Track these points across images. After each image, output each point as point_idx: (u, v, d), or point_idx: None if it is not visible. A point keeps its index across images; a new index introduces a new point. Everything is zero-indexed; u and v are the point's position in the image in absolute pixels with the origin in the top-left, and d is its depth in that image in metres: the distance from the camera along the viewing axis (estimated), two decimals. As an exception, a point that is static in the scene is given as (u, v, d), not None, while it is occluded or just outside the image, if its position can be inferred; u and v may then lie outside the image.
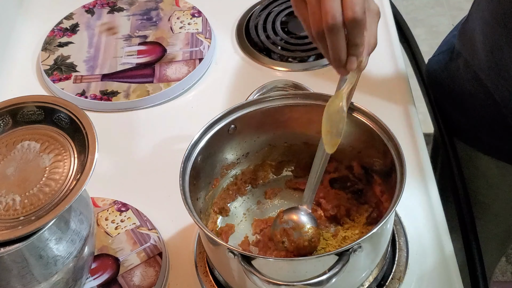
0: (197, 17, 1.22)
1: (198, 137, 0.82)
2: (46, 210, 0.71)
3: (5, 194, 0.73)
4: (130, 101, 1.09)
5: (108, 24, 1.23)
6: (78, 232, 0.77)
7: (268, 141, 0.90)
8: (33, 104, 0.79)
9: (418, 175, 0.96)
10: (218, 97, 1.11)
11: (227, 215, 0.90)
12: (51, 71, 1.15)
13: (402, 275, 0.85)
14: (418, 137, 1.00)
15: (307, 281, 0.69)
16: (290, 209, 0.83)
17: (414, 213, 0.91)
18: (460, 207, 0.98)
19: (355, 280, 0.79)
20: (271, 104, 0.85)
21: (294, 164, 0.93)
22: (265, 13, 1.23)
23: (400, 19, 1.25)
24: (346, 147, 0.87)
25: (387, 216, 0.72)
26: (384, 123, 0.80)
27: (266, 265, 0.73)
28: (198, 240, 0.90)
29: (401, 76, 1.10)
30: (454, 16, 2.60)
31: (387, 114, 0.94)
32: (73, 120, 0.77)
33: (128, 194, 0.97)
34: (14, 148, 0.77)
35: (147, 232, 0.91)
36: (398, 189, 0.74)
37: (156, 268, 0.87)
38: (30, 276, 0.73)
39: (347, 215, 0.87)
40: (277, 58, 1.16)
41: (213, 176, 0.88)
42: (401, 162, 0.76)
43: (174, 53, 1.16)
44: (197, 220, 0.74)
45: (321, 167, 0.82)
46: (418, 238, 0.88)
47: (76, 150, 0.76)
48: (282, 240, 0.81)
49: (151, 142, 1.06)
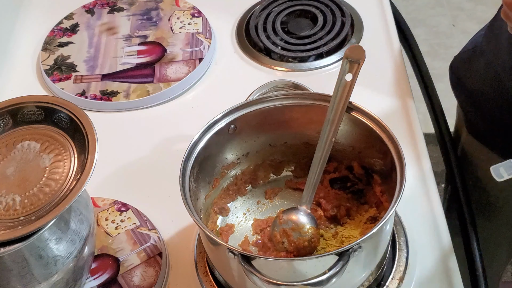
0: (197, 17, 1.22)
1: (198, 137, 0.82)
2: (46, 210, 0.71)
3: (5, 194, 0.73)
4: (130, 101, 1.09)
5: (108, 24, 1.23)
6: (78, 232, 0.77)
7: (268, 141, 0.90)
8: (33, 104, 0.79)
9: (418, 175, 0.96)
10: (218, 97, 1.11)
11: (227, 215, 0.90)
12: (51, 71, 1.15)
13: (402, 275, 0.85)
14: (418, 137, 1.00)
15: (307, 281, 0.69)
16: (289, 210, 0.83)
17: (414, 213, 0.91)
18: (460, 207, 0.98)
19: (355, 280, 0.79)
20: (271, 104, 0.85)
21: (294, 164, 0.93)
22: (265, 13, 1.23)
23: (400, 19, 1.25)
24: (346, 147, 0.87)
25: (387, 216, 0.72)
26: (384, 123, 0.80)
27: (266, 265, 0.73)
28: (198, 240, 0.90)
29: (401, 76, 1.10)
30: (454, 16, 2.60)
31: (387, 114, 0.95)
32: (73, 120, 0.77)
33: (128, 194, 0.97)
34: (14, 148, 0.77)
35: (147, 232, 0.91)
36: (398, 189, 0.74)
37: (156, 268, 0.87)
38: (30, 276, 0.73)
39: (347, 215, 0.87)
40: (277, 58, 1.16)
41: (213, 176, 0.88)
42: (401, 162, 0.76)
43: (174, 53, 1.16)
44: (197, 220, 0.74)
45: (320, 168, 0.82)
46: (418, 238, 0.88)
47: (76, 150, 0.76)
48: (281, 241, 0.81)
49: (151, 142, 1.06)
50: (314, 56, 1.15)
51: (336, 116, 0.81)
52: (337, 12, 1.21)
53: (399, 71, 1.10)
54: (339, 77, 0.80)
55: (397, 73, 1.10)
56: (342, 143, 0.86)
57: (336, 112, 0.81)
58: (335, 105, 0.81)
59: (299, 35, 1.18)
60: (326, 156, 0.81)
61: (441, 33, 2.53)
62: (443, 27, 2.56)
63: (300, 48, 1.16)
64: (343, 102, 0.80)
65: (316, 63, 1.14)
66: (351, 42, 1.16)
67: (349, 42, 1.17)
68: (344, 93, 0.80)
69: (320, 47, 1.15)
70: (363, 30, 1.19)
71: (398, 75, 1.10)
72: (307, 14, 1.22)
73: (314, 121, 0.85)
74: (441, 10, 2.64)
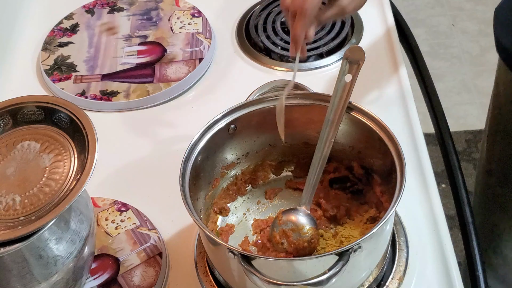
0: (197, 17, 1.22)
1: (198, 137, 0.82)
2: (46, 210, 0.71)
3: (5, 194, 0.73)
4: (130, 101, 1.09)
5: (108, 24, 1.23)
6: (78, 232, 0.77)
7: (268, 141, 0.90)
8: (33, 104, 0.79)
9: (418, 175, 0.96)
10: (218, 97, 1.11)
11: (227, 215, 0.90)
12: (51, 71, 1.15)
13: (402, 275, 0.85)
14: (418, 137, 1.00)
15: (307, 281, 0.69)
16: (288, 210, 0.83)
17: (414, 213, 0.91)
18: (460, 207, 0.98)
19: (355, 280, 0.79)
20: (271, 104, 0.85)
21: (294, 164, 0.93)
22: (265, 13, 1.23)
23: (400, 19, 1.25)
24: (346, 147, 0.87)
25: (387, 216, 0.72)
26: (384, 123, 0.80)
27: (266, 265, 0.73)
28: (198, 240, 0.90)
29: (401, 76, 1.10)
30: (454, 16, 2.60)
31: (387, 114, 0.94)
32: (73, 120, 0.77)
33: (128, 194, 0.97)
34: (14, 148, 0.77)
35: (147, 232, 0.91)
36: (398, 189, 0.74)
37: (156, 268, 0.87)
38: (30, 276, 0.73)
39: (347, 215, 0.87)
40: (277, 58, 1.16)
41: (213, 176, 0.88)
42: (401, 162, 0.76)
43: (174, 53, 1.16)
44: (197, 220, 0.74)
45: (319, 168, 0.82)
46: (418, 238, 0.88)
47: (76, 150, 0.76)
48: (281, 242, 0.81)
49: (151, 142, 1.06)
50: (314, 56, 1.15)
51: (335, 117, 0.81)
52: (337, 12, 1.21)
53: (399, 71, 1.10)
54: (338, 78, 0.81)
55: (397, 73, 1.10)
56: (342, 143, 0.86)
57: (336, 113, 0.81)
58: (335, 106, 0.81)
59: (299, 35, 1.18)
60: (325, 156, 0.81)
61: (441, 33, 2.53)
62: (443, 27, 2.56)
63: (300, 48, 1.16)
64: (343, 103, 0.80)
65: (316, 63, 1.14)
66: (351, 42, 1.16)
67: (349, 42, 1.17)
68: (343, 94, 0.80)
69: (320, 47, 1.15)
70: (363, 30, 1.19)
71: (398, 75, 1.10)
72: (307, 14, 1.22)
73: (314, 121, 0.85)
74: (441, 10, 2.64)
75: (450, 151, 1.06)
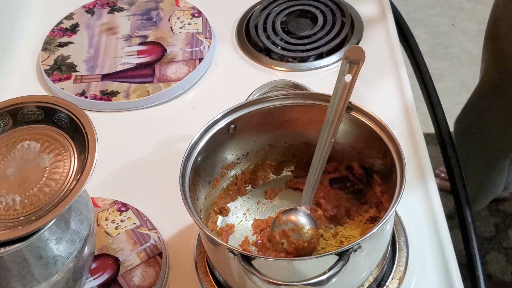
0: (197, 17, 1.22)
1: (198, 137, 0.82)
2: (46, 210, 0.71)
3: (5, 194, 0.73)
4: (130, 101, 1.09)
5: (108, 24, 1.23)
6: (78, 232, 0.77)
7: (268, 141, 0.90)
8: (33, 104, 0.79)
9: (418, 175, 0.96)
10: (218, 97, 1.11)
11: (227, 215, 0.90)
12: (51, 71, 1.15)
13: (402, 275, 0.85)
14: (418, 137, 1.00)
15: (307, 281, 0.69)
16: (288, 210, 0.83)
17: (414, 213, 0.91)
18: (461, 207, 0.98)
19: (355, 280, 0.79)
20: (271, 104, 0.85)
21: (294, 164, 0.93)
22: (265, 13, 1.23)
23: (400, 19, 1.25)
24: (346, 147, 0.87)
25: (387, 216, 0.72)
26: (384, 123, 0.80)
27: (266, 265, 0.73)
28: (198, 240, 0.90)
29: (401, 76, 1.10)
30: (454, 16, 2.60)
31: (387, 114, 0.95)
32: (73, 120, 0.77)
33: (128, 194, 0.97)
34: (14, 148, 0.77)
35: (147, 232, 0.91)
36: (398, 189, 0.74)
37: (156, 268, 0.87)
38: (30, 276, 0.73)
39: (347, 215, 0.87)
40: (277, 58, 1.16)
41: (213, 176, 0.88)
42: (401, 162, 0.76)
43: (174, 53, 1.16)
44: (197, 220, 0.74)
45: (319, 168, 0.82)
46: (418, 238, 0.88)
47: (76, 150, 0.76)
48: (281, 242, 0.81)
49: (151, 142, 1.06)
50: (314, 56, 1.15)
51: (335, 117, 0.81)
52: (337, 12, 1.21)
53: (399, 71, 1.10)
54: (338, 78, 0.80)
55: (397, 73, 1.10)
56: (342, 143, 0.86)
57: (336, 113, 0.81)
58: (335, 106, 0.81)
59: (299, 35, 1.18)
60: (325, 157, 0.81)
61: (441, 33, 2.53)
62: (443, 27, 2.56)
63: (300, 48, 1.16)
64: (343, 103, 0.80)
65: (316, 63, 1.14)
66: (351, 42, 1.16)
67: (349, 42, 1.17)
68: (343, 94, 0.80)
69: (320, 47, 1.15)
70: (363, 30, 1.19)
71: (398, 75, 1.10)
72: (307, 14, 1.22)
73: (314, 121, 0.85)
74: (441, 10, 2.64)
75: (450, 151, 1.06)
